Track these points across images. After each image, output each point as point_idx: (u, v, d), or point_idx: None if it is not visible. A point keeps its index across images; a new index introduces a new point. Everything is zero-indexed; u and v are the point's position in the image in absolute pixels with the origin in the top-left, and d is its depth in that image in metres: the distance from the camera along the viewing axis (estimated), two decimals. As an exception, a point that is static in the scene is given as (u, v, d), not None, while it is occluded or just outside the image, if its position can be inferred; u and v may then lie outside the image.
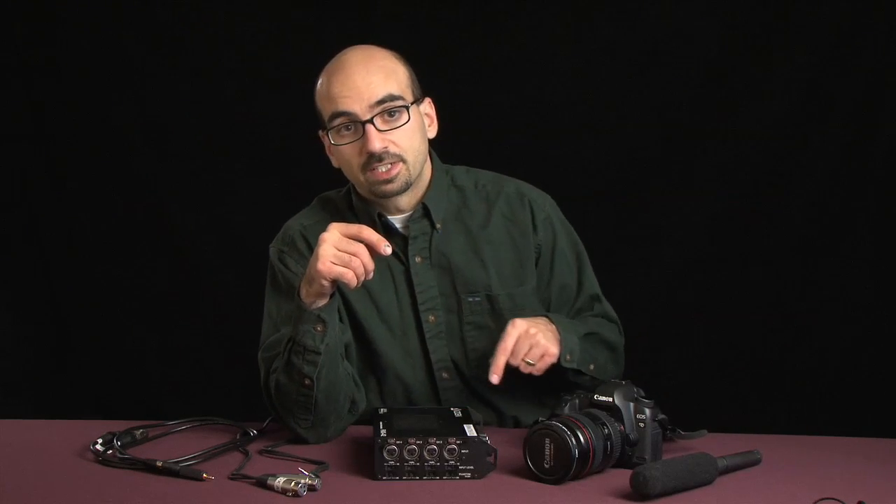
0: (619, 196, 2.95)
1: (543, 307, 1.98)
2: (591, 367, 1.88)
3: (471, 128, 2.70)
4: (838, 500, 1.34)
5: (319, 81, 1.90)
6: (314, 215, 2.00)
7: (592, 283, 2.04)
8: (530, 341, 1.77)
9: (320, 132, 1.93)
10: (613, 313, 2.05)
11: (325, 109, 1.87)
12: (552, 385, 1.84)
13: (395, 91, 1.85)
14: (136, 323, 3.15)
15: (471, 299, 1.94)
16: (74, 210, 3.12)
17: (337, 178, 2.05)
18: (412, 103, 1.87)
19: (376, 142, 1.82)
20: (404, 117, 1.85)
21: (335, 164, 1.93)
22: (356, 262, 1.65)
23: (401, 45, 1.95)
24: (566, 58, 2.94)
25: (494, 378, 1.75)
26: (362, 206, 1.95)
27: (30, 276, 3.16)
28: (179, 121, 3.07)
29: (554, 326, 1.84)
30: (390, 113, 1.84)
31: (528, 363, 1.78)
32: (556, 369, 1.83)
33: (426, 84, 1.95)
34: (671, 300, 2.95)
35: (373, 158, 1.83)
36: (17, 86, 3.08)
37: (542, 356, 1.78)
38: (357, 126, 1.84)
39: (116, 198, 3.11)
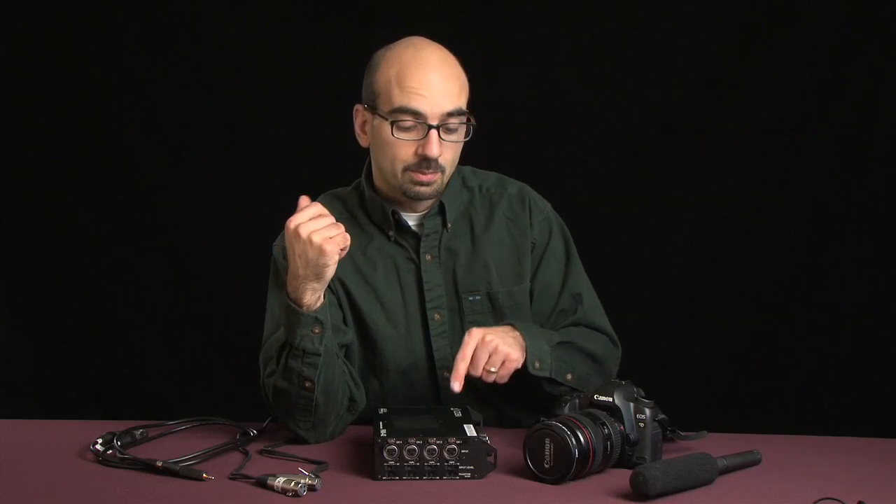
0: (618, 197, 2.95)
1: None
2: (569, 376, 1.84)
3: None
4: (838, 500, 1.34)
5: (388, 65, 1.85)
6: None
7: (577, 284, 2.01)
8: (488, 349, 1.74)
9: (360, 106, 1.90)
10: (602, 324, 2.00)
11: (391, 97, 1.84)
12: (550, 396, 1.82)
13: (464, 107, 1.86)
14: (137, 323, 3.14)
15: (471, 298, 1.94)
16: (74, 210, 3.11)
17: (338, 178, 2.04)
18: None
19: (436, 148, 1.82)
20: (462, 134, 1.87)
21: (364, 143, 1.92)
22: (336, 227, 1.68)
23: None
24: (566, 57, 2.94)
25: (456, 386, 1.72)
26: (376, 201, 1.94)
27: (29, 275, 3.16)
28: (179, 121, 3.07)
29: (518, 333, 1.81)
30: (452, 125, 1.85)
31: (490, 371, 1.75)
32: (531, 379, 1.81)
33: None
34: (671, 299, 2.95)
35: (423, 163, 1.83)
36: (16, 85, 3.08)
37: (504, 362, 1.75)
38: (421, 126, 1.83)
39: (116, 198, 3.10)
